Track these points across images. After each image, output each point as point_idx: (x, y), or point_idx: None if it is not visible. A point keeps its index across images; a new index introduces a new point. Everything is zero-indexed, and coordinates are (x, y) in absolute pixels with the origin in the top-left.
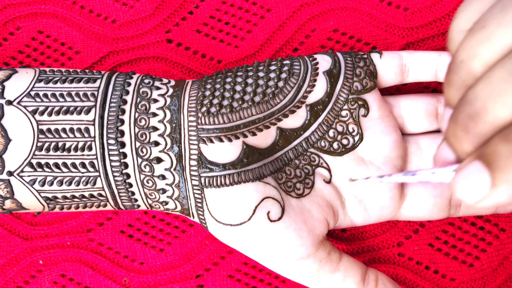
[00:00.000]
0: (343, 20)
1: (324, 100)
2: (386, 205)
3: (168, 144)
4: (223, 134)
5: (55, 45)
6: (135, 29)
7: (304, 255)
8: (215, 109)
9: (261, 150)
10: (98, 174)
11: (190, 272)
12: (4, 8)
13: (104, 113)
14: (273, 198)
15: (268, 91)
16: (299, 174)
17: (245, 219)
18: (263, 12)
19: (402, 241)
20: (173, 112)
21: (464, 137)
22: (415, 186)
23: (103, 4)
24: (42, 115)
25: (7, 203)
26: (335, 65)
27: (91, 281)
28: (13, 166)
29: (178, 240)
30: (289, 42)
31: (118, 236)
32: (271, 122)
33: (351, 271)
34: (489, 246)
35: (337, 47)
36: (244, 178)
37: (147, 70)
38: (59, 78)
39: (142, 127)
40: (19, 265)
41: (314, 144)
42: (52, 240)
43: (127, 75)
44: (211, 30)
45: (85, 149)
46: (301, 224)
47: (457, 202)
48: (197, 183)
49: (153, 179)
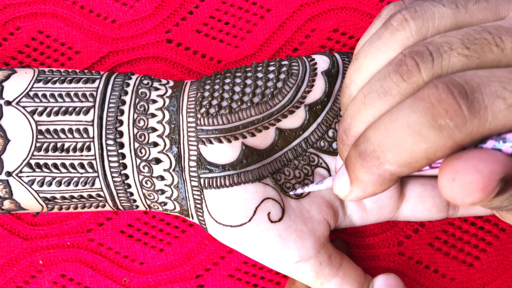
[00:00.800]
0: (343, 20)
1: (323, 100)
2: (385, 205)
3: (167, 145)
4: (222, 135)
5: (55, 45)
6: (135, 29)
7: (305, 257)
8: (214, 110)
9: (260, 151)
10: (97, 174)
11: (190, 272)
12: (4, 8)
13: (103, 114)
14: (273, 199)
15: (267, 92)
16: (298, 175)
17: (245, 220)
18: (263, 12)
19: (402, 241)
20: (172, 113)
21: (342, 148)
22: (415, 187)
23: (103, 4)
24: (41, 115)
25: (6, 204)
26: (334, 65)
27: (91, 281)
28: (11, 167)
29: (178, 240)
30: (289, 42)
31: (118, 236)
32: (270, 123)
33: (350, 277)
34: (489, 246)
35: (337, 47)
36: (244, 179)
37: (147, 70)
38: (58, 79)
39: (141, 127)
40: (19, 265)
41: (313, 144)
42: (52, 240)
43: (126, 75)
44: (211, 30)
45: (83, 150)
46: (301, 225)
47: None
48: (196, 184)
49: (152, 180)
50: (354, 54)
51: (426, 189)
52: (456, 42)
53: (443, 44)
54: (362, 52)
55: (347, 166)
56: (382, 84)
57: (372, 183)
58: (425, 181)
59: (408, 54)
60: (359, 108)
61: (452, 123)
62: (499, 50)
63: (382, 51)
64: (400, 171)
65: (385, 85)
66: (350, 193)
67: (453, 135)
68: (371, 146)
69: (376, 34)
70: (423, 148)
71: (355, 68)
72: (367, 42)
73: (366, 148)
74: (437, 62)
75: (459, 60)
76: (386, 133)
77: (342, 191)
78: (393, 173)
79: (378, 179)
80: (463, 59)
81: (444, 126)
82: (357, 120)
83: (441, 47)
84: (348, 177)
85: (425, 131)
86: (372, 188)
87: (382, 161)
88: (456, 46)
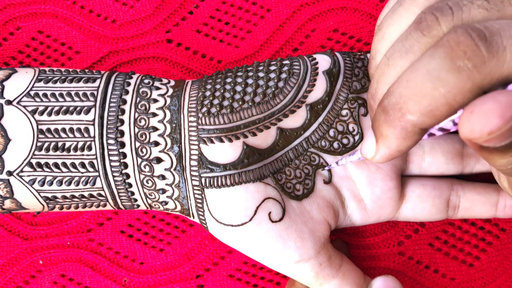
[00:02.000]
0: (343, 20)
1: (324, 100)
2: (386, 205)
3: (168, 144)
4: (224, 134)
5: (55, 45)
6: (135, 29)
7: (305, 257)
8: (215, 110)
9: (261, 151)
10: (98, 174)
11: (190, 272)
12: (4, 8)
13: (103, 113)
14: (274, 199)
15: (268, 91)
16: (298, 175)
17: (246, 220)
18: (263, 12)
19: (402, 241)
20: (173, 112)
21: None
22: (415, 187)
23: (103, 4)
24: (41, 115)
25: (7, 203)
26: (335, 64)
27: (91, 281)
28: (12, 166)
29: (178, 240)
30: (289, 42)
31: (118, 236)
32: (271, 122)
33: (349, 279)
34: (489, 246)
35: (337, 47)
36: (245, 179)
37: (147, 70)
38: (58, 78)
39: (142, 127)
40: (19, 265)
41: (314, 144)
42: (52, 240)
43: (127, 75)
44: (211, 30)
45: (84, 149)
46: (301, 225)
47: (455, 204)
48: (197, 183)
49: (152, 179)
50: (377, 25)
51: (426, 189)
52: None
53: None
54: (385, 21)
55: (373, 126)
56: (404, 43)
57: (396, 137)
58: (425, 182)
59: (428, 10)
60: (383, 71)
61: (470, 64)
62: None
63: (403, 16)
64: (422, 121)
65: (406, 44)
66: (376, 152)
67: (472, 76)
68: (394, 99)
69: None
70: (443, 93)
71: (379, 37)
72: (389, 11)
73: (390, 102)
74: (457, 14)
75: (480, 12)
76: (407, 83)
77: (369, 152)
78: (415, 124)
79: (401, 132)
80: (483, 12)
81: (462, 67)
82: (382, 82)
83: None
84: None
85: (444, 74)
86: (396, 143)
87: (404, 112)
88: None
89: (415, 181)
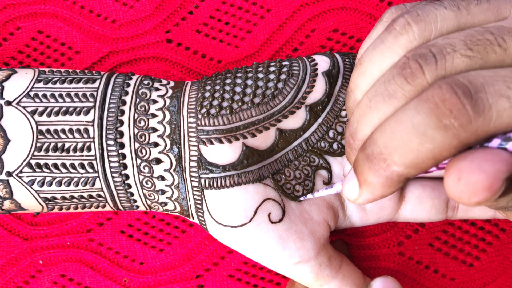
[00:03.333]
0: (343, 20)
1: (323, 101)
2: (385, 206)
3: (168, 145)
4: (223, 135)
5: (55, 45)
6: (135, 29)
7: (305, 258)
8: (215, 111)
9: (261, 152)
10: (97, 175)
11: (190, 272)
12: (4, 8)
13: (103, 114)
14: (273, 200)
15: (267, 92)
16: (298, 176)
17: (246, 221)
18: (263, 12)
19: (402, 241)
20: (173, 113)
21: (349, 152)
22: (414, 188)
23: (103, 4)
24: (41, 115)
25: (6, 204)
26: (334, 65)
27: (91, 281)
28: (12, 167)
29: (178, 240)
30: (289, 42)
31: (118, 236)
32: (270, 123)
33: (349, 280)
34: (489, 246)
35: (337, 47)
36: (244, 180)
37: (147, 70)
38: (58, 79)
39: (141, 128)
40: (19, 265)
41: (314, 145)
42: (52, 240)
43: (127, 76)
44: (211, 30)
45: (84, 150)
46: (301, 226)
47: (454, 205)
48: (197, 184)
49: (152, 180)
50: (358, 59)
51: (426, 191)
52: (459, 43)
53: (446, 46)
54: (366, 57)
55: (355, 170)
56: (387, 87)
57: (381, 185)
58: (425, 183)
59: (412, 57)
60: (365, 112)
61: (456, 123)
62: (502, 50)
63: (385, 55)
64: (408, 172)
65: (389, 88)
66: (359, 196)
67: (458, 134)
68: (378, 148)
69: (379, 38)
70: (429, 149)
71: (359, 72)
72: (370, 46)
73: (373, 151)
74: (441, 64)
75: (462, 61)
76: (392, 135)
77: (351, 194)
78: (400, 175)
79: (386, 181)
80: (466, 60)
81: (449, 126)
82: (363, 124)
83: (444, 49)
84: (357, 181)
85: (430, 131)
86: (381, 190)
87: (389, 163)
88: (459, 48)
89: (415, 182)
